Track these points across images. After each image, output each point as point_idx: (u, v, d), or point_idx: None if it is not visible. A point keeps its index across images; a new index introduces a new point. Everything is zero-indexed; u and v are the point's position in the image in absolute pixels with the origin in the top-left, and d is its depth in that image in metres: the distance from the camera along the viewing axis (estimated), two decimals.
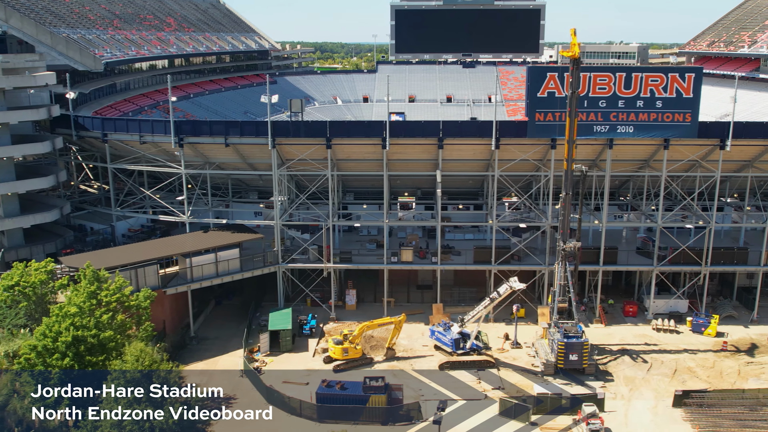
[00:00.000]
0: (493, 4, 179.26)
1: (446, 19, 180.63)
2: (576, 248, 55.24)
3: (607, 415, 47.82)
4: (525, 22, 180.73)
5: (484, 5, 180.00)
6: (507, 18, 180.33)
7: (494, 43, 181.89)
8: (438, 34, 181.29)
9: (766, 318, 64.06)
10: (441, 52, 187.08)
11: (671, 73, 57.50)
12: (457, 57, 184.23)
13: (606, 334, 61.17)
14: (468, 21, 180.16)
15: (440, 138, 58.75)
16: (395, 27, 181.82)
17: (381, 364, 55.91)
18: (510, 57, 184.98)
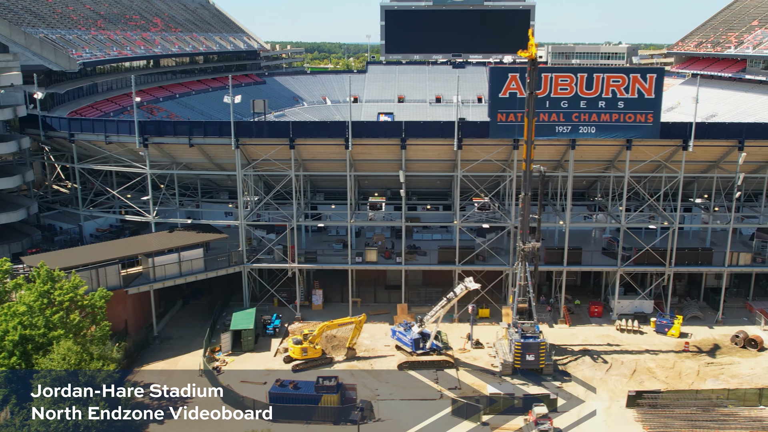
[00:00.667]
0: (483, 4, 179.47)
1: (436, 20, 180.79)
2: (535, 249, 55.28)
3: (560, 416, 47.94)
4: (514, 23, 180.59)
5: (474, 6, 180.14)
6: (497, 19, 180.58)
7: (484, 43, 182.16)
8: (428, 34, 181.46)
9: (731, 319, 64.04)
10: (431, 53, 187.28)
11: (633, 73, 57.46)
12: (447, 57, 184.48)
13: (569, 334, 61.22)
14: (458, 21, 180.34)
15: (403, 138, 58.84)
16: (385, 27, 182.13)
17: (341, 363, 56.00)
18: (500, 57, 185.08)
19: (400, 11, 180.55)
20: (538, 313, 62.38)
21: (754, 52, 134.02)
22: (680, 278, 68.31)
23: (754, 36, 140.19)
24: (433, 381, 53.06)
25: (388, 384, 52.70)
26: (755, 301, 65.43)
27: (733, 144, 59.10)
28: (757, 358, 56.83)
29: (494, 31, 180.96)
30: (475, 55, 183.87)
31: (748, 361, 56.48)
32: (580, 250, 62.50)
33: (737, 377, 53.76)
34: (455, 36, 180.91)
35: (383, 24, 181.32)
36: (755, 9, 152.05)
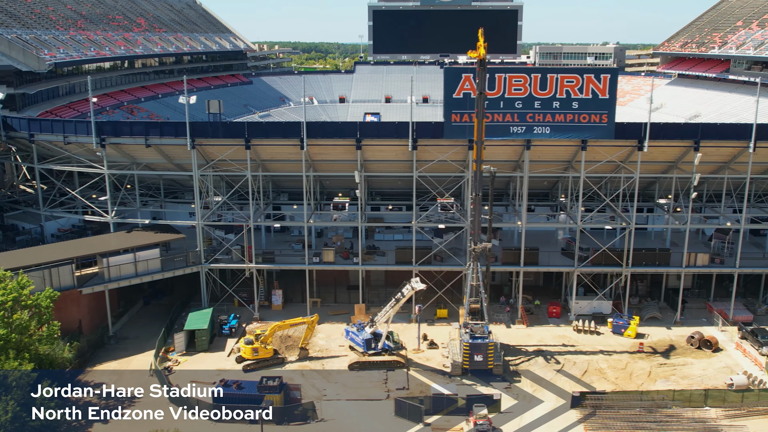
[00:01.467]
0: (471, 5, 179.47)
1: (424, 20, 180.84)
2: (486, 249, 55.26)
3: (503, 416, 47.95)
4: (502, 23, 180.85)
5: (462, 6, 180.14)
6: (484, 19, 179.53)
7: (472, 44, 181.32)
8: (416, 34, 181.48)
9: (691, 320, 63.94)
10: (419, 53, 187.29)
11: (587, 74, 57.40)
12: (435, 58, 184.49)
13: (525, 334, 61.19)
14: (445, 22, 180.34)
15: (358, 139, 58.84)
16: (373, 28, 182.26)
17: (293, 363, 56.06)
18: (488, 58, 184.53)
19: (387, 11, 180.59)
20: (496, 314, 62.83)
21: (737, 52, 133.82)
22: (642, 279, 68.27)
23: (738, 36, 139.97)
24: (382, 381, 53.09)
25: (336, 384, 52.73)
26: (716, 301, 65.20)
27: (688, 145, 58.96)
28: (711, 359, 56.72)
29: None
30: (463, 55, 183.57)
31: (702, 362, 56.37)
32: (537, 251, 62.45)
33: (688, 378, 53.67)
34: (443, 36, 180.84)
35: (371, 24, 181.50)
36: (740, 9, 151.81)
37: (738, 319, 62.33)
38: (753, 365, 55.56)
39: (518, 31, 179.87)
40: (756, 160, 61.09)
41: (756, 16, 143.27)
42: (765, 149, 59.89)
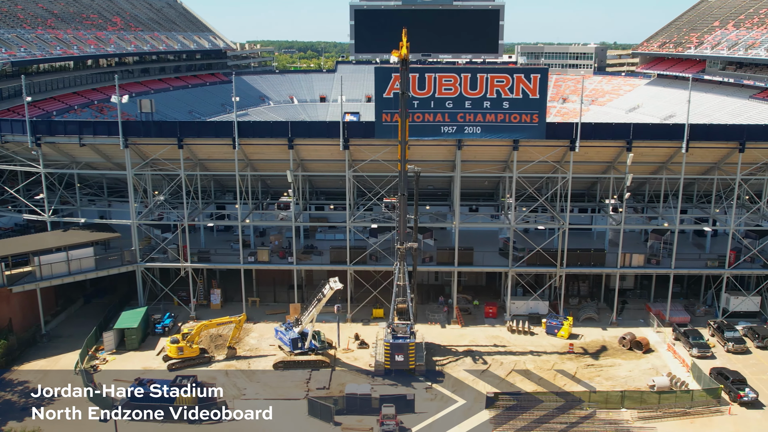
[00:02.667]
0: (452, 4, 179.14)
1: (406, 20, 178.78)
2: (413, 249, 55.19)
3: (416, 416, 47.88)
4: (484, 23, 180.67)
5: (443, 5, 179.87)
6: (466, 18, 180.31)
7: (454, 43, 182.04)
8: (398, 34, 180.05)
9: (628, 320, 63.78)
10: None
11: (516, 73, 57.25)
12: (417, 57, 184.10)
13: (459, 335, 61.09)
14: (427, 21, 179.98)
15: (290, 138, 58.81)
16: (354, 27, 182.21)
17: (220, 363, 56.12)
18: (470, 57, 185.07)
19: (369, 11, 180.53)
20: (433, 314, 62.80)
21: (712, 52, 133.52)
22: (584, 280, 68.11)
23: (714, 36, 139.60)
24: (304, 381, 53.07)
25: (258, 384, 52.73)
26: (657, 302, 64.98)
27: (621, 145, 58.73)
28: (640, 361, 56.54)
29: (464, 30, 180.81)
30: (445, 54, 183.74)
31: (630, 363, 56.20)
32: (472, 251, 62.33)
33: (612, 379, 53.50)
34: (425, 36, 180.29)
35: (353, 23, 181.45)
36: (718, 9, 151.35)
37: (675, 320, 62.11)
38: (681, 366, 55.38)
39: (500, 31, 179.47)
40: (692, 160, 60.82)
41: (732, 17, 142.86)
42: (700, 149, 59.51)
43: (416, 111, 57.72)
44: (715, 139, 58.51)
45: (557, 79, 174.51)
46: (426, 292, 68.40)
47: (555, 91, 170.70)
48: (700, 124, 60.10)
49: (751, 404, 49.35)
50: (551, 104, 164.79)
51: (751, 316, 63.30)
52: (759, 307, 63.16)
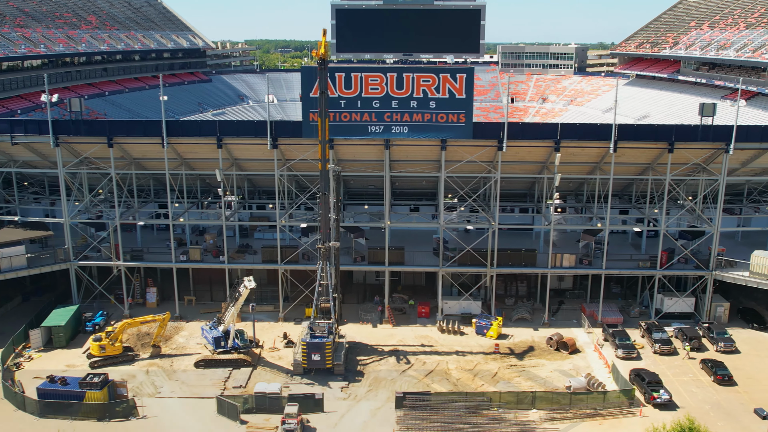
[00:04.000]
0: (433, 4, 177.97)
1: (387, 19, 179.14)
2: (335, 248, 55.17)
3: (324, 416, 47.89)
4: (465, 23, 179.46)
5: (424, 5, 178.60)
6: (447, 18, 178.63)
7: (435, 43, 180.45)
8: (379, 33, 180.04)
9: (562, 321, 63.69)
10: (382, 52, 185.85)
11: (442, 73, 57.23)
12: (398, 57, 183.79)
13: (389, 334, 61.05)
14: (409, 21, 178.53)
15: (218, 138, 58.89)
16: (336, 26, 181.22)
17: (143, 361, 56.20)
18: (451, 57, 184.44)
19: (350, 10, 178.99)
20: (366, 313, 62.80)
21: (686, 53, 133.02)
22: (522, 280, 67.96)
23: (689, 37, 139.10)
24: (223, 380, 53.13)
25: (176, 382, 52.82)
26: (591, 303, 64.81)
27: (549, 145, 58.56)
28: (564, 361, 56.39)
29: (445, 30, 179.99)
30: (426, 54, 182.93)
31: (554, 363, 56.05)
32: (402, 250, 62.28)
33: (533, 380, 53.37)
34: (406, 35, 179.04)
35: (334, 23, 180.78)
36: (696, 10, 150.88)
37: (607, 320, 61.96)
38: (604, 367, 55.23)
39: (481, 31, 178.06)
40: (624, 160, 60.70)
41: (708, 17, 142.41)
42: (631, 150, 59.33)
43: (343, 110, 57.76)
44: (644, 140, 58.24)
45: (537, 79, 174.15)
46: (364, 291, 68.39)
47: (535, 91, 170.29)
48: (627, 124, 60.00)
49: (664, 406, 49.17)
50: (530, 104, 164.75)
51: (686, 317, 63.06)
52: (693, 309, 62.80)
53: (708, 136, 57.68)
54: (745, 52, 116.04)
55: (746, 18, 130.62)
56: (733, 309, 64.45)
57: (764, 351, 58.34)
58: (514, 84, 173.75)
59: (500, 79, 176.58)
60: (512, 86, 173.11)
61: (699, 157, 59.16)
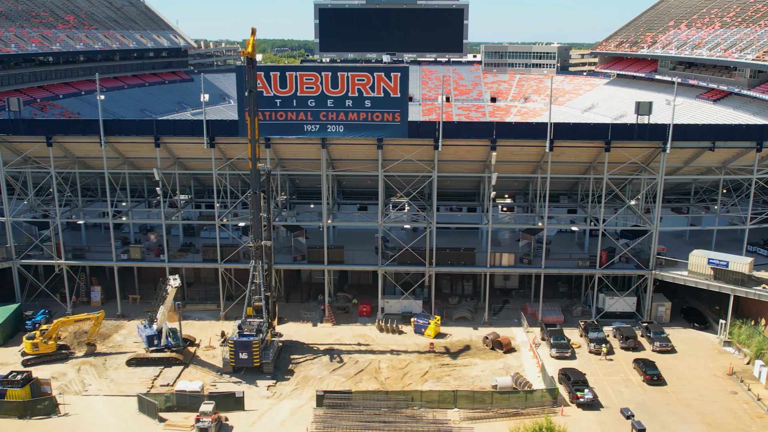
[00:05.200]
0: (416, 3, 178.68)
1: (370, 19, 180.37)
2: (267, 247, 55.25)
3: (245, 414, 47.96)
4: (448, 22, 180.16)
5: (407, 5, 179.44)
6: (430, 17, 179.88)
7: (418, 42, 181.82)
8: (362, 33, 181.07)
9: (504, 320, 63.66)
10: (365, 51, 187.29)
11: (377, 72, 57.15)
12: (381, 56, 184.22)
13: (327, 333, 61.09)
14: (392, 20, 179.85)
15: (156, 137, 59.04)
16: (319, 26, 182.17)
17: (78, 359, 56.35)
18: (434, 56, 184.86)
19: (333, 9, 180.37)
20: (307, 312, 62.85)
21: (662, 52, 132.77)
22: (469, 279, 67.93)
23: (667, 36, 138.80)
24: (152, 378, 53.24)
25: (106, 380, 52.98)
26: (535, 302, 64.65)
27: (486, 144, 58.51)
28: (496, 360, 56.34)
29: (428, 29, 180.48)
30: (410, 53, 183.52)
31: (486, 362, 56.00)
32: (342, 249, 62.30)
33: (461, 379, 53.33)
34: (389, 35, 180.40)
35: (317, 22, 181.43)
36: (676, 9, 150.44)
37: (548, 320, 61.88)
38: (536, 366, 55.14)
39: (464, 30, 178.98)
40: (564, 159, 60.63)
41: (687, 16, 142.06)
42: (569, 149, 59.24)
43: (279, 109, 57.84)
44: (580, 139, 58.13)
45: (520, 78, 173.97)
46: (309, 290, 68.52)
47: (517, 90, 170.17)
48: (564, 123, 59.84)
49: (587, 405, 49.07)
50: (512, 104, 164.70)
51: (629, 316, 62.88)
52: (635, 308, 62.66)
53: (644, 135, 57.51)
54: (717, 52, 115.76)
55: (722, 17, 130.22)
56: (679, 309, 64.22)
57: (700, 351, 58.16)
58: (497, 83, 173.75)
59: (483, 78, 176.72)
60: (495, 86, 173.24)
61: (637, 156, 58.95)
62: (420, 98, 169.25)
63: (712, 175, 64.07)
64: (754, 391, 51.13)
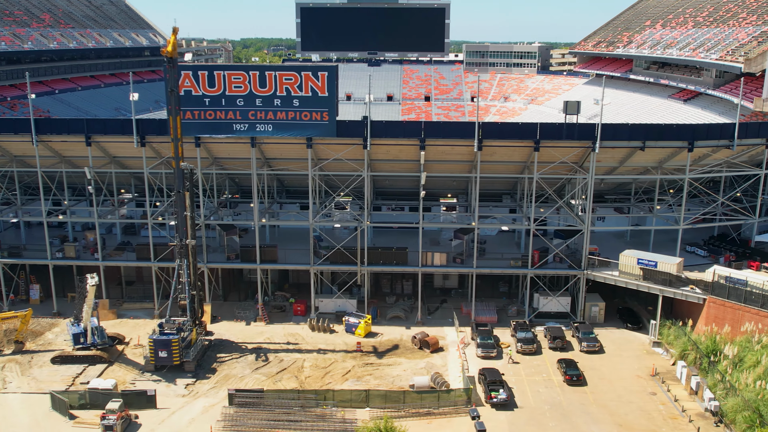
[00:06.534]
0: (398, 2, 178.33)
1: (351, 18, 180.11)
2: (191, 246, 55.35)
3: (157, 412, 48.17)
4: (430, 21, 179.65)
5: (389, 4, 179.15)
6: (412, 17, 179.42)
7: (400, 41, 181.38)
8: (344, 32, 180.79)
9: (438, 320, 63.60)
10: (347, 50, 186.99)
11: (304, 71, 57.20)
12: (363, 55, 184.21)
13: (259, 332, 61.20)
14: (373, 19, 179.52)
15: (87, 136, 59.28)
16: (301, 25, 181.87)
17: (5, 356, 56.63)
18: (416, 56, 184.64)
19: (315, 8, 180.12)
20: (241, 311, 62.93)
21: (636, 52, 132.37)
22: (408, 278, 67.91)
23: (642, 36, 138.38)
24: (74, 376, 53.46)
25: (28, 377, 53.23)
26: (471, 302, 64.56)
27: (415, 143, 58.45)
28: (422, 359, 56.32)
29: (409, 29, 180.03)
30: (391, 53, 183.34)
31: (411, 362, 55.99)
32: (275, 248, 62.39)
33: (382, 378, 53.34)
34: (371, 34, 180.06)
35: (298, 21, 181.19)
36: (654, 9, 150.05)
37: (481, 319, 61.87)
38: (459, 366, 55.07)
39: (446, 30, 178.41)
40: (496, 159, 60.55)
41: (663, 16, 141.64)
42: (501, 148, 59.14)
43: (208, 108, 57.94)
44: (509, 138, 58.03)
45: (501, 78, 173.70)
46: (247, 289, 68.62)
47: (498, 90, 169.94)
48: (492, 122, 59.97)
49: (501, 405, 49.01)
50: (492, 103, 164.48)
51: (563, 316, 62.77)
52: (569, 308, 62.55)
53: (573, 134, 57.38)
54: (686, 51, 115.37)
55: (695, 17, 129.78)
56: (616, 309, 64.13)
57: (629, 351, 58.01)
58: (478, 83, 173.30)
59: (464, 78, 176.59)
60: (476, 85, 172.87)
61: (567, 156, 58.80)
62: (400, 98, 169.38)
63: (650, 175, 63.81)
64: (673, 392, 50.97)
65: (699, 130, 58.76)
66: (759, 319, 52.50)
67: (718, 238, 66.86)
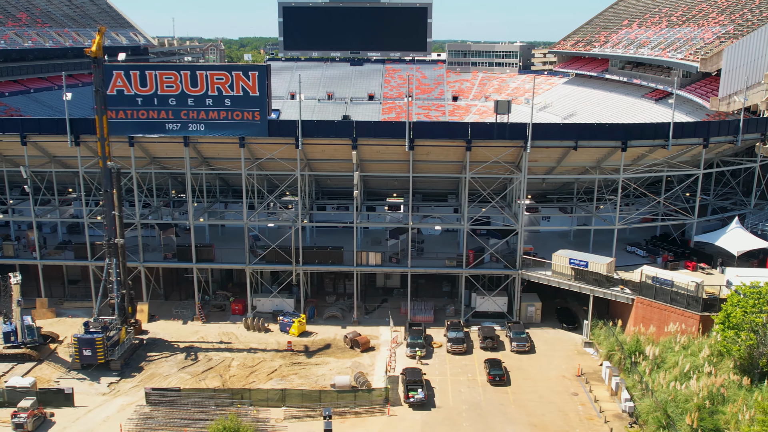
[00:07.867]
0: (380, 2, 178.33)
1: (334, 17, 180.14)
2: (120, 245, 55.56)
3: (74, 410, 48.43)
4: (412, 21, 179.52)
5: (371, 3, 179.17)
6: (394, 16, 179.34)
7: (382, 41, 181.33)
8: (326, 31, 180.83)
9: (376, 320, 63.66)
10: (330, 50, 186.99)
11: (235, 71, 57.33)
12: (346, 55, 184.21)
13: (194, 331, 61.38)
14: (356, 19, 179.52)
15: (22, 135, 59.56)
16: (283, 24, 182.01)
17: None
18: (398, 55, 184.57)
19: (297, 8, 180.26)
20: (179, 310, 63.08)
21: (611, 51, 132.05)
22: (350, 278, 67.92)
23: (619, 36, 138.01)
24: (0, 374, 53.69)
25: None
26: (412, 301, 64.59)
27: (345, 143, 58.51)
28: (351, 359, 56.39)
29: (392, 28, 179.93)
30: (374, 52, 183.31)
31: (339, 361, 56.05)
32: (212, 247, 62.56)
33: (306, 378, 53.42)
34: (354, 33, 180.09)
35: (281, 21, 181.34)
36: (632, 8, 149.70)
37: (417, 319, 61.88)
38: (385, 366, 55.09)
39: (428, 29, 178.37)
40: (432, 158, 60.58)
41: (639, 15, 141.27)
42: (436, 148, 59.14)
43: (140, 108, 58.15)
44: (440, 138, 57.99)
45: (483, 77, 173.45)
46: (188, 288, 68.67)
47: (479, 89, 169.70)
48: (423, 122, 60.13)
49: (419, 405, 49.02)
50: (473, 103, 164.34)
51: (500, 316, 62.72)
52: (506, 308, 62.51)
53: (504, 134, 57.31)
54: (657, 51, 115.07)
55: (670, 16, 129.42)
56: (555, 309, 64.10)
57: (561, 351, 57.94)
58: (460, 82, 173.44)
59: (446, 77, 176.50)
60: (457, 84, 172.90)
61: (500, 155, 58.73)
62: (381, 97, 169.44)
63: (589, 175, 63.72)
64: (595, 393, 50.90)
65: (632, 130, 58.63)
66: (683, 319, 52.39)
67: (660, 239, 66.68)
